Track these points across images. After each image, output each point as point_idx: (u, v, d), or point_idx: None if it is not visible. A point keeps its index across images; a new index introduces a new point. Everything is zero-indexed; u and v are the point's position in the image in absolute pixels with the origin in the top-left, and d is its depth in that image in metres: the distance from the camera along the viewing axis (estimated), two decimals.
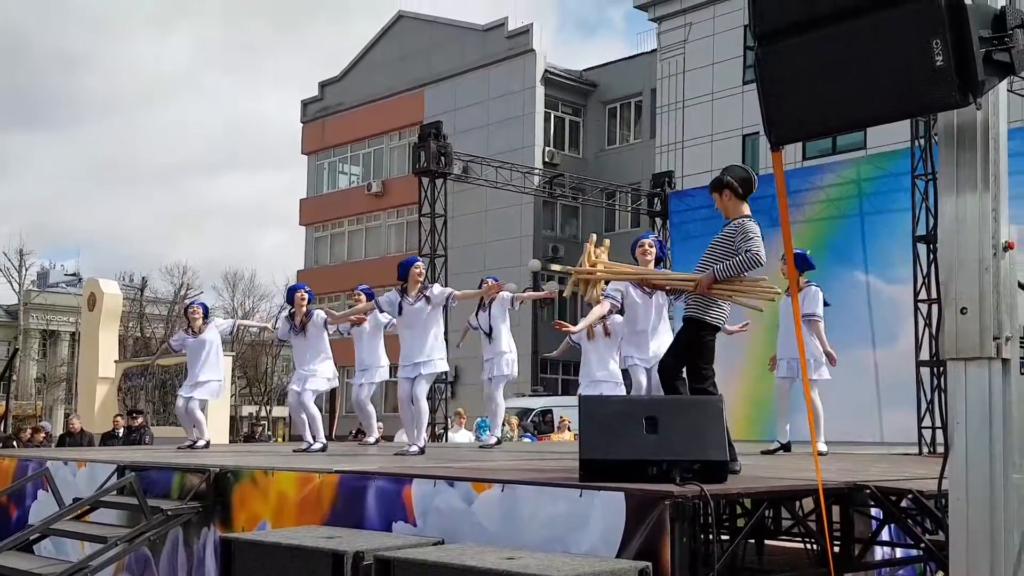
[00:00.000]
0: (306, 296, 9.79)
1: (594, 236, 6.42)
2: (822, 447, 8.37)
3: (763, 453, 8.76)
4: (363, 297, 10.43)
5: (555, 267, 7.74)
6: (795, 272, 8.12)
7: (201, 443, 10.20)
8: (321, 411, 23.14)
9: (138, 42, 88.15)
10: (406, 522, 5.12)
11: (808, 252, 9.18)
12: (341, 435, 21.12)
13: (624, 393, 8.75)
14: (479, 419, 16.33)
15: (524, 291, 11.53)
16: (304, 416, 9.88)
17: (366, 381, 10.54)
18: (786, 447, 8.89)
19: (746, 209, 5.73)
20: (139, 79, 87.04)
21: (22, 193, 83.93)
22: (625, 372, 8.62)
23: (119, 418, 16.48)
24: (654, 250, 7.54)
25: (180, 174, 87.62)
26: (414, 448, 8.51)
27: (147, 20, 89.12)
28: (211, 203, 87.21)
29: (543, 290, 14.24)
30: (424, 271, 9.36)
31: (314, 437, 9.82)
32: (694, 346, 5.75)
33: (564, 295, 7.13)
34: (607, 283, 7.27)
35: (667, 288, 6.51)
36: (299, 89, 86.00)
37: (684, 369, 5.78)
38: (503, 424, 14.75)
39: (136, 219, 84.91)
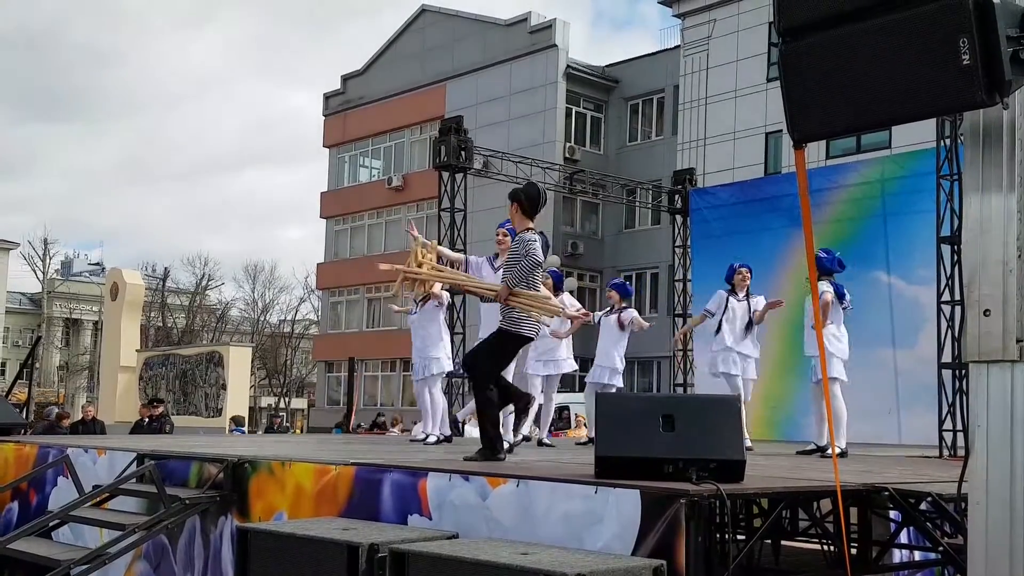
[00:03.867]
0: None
1: (420, 237, 6.89)
2: (841, 444, 8.37)
3: (798, 453, 8.76)
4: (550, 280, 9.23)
5: (384, 266, 7.77)
6: (815, 271, 8.08)
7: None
8: (351, 399, 22.90)
9: (167, 40, 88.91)
10: (421, 515, 5.13)
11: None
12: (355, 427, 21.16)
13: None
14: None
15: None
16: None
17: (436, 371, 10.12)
18: (822, 450, 8.80)
19: (530, 223, 6.46)
20: (167, 76, 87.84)
21: (48, 185, 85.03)
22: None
23: (144, 408, 16.63)
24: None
25: (204, 169, 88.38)
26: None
27: (176, 18, 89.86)
28: (234, 197, 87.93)
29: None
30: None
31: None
32: (498, 354, 6.49)
33: (392, 294, 7.40)
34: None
35: (479, 295, 7.00)
36: (323, 85, 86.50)
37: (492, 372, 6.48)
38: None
39: (160, 213, 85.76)
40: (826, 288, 8.61)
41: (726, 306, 9.35)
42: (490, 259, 8.21)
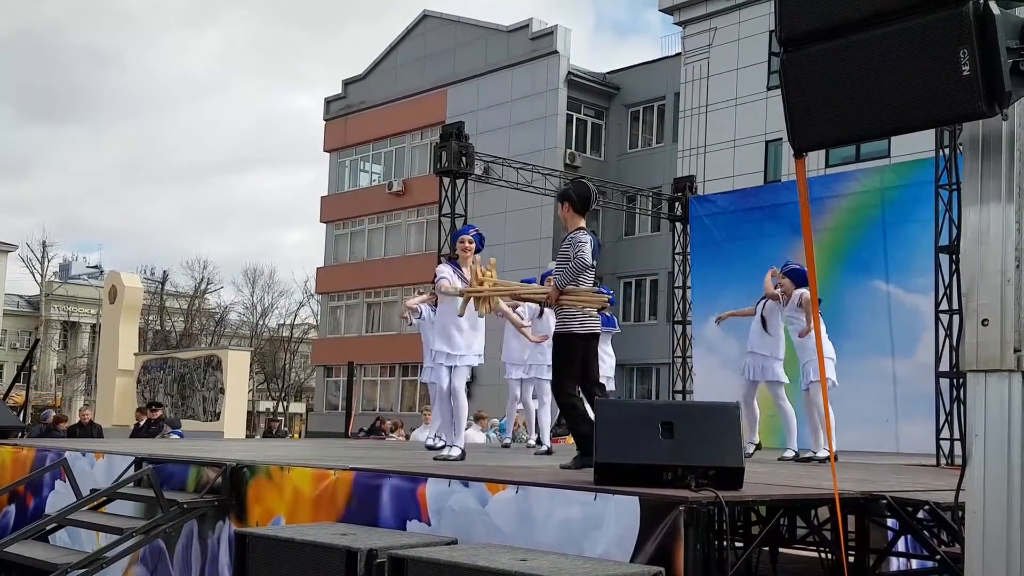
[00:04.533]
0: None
1: (478, 257, 6.86)
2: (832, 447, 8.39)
3: (796, 460, 8.82)
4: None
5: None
6: (815, 281, 8.11)
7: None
8: (350, 404, 22.72)
9: (168, 41, 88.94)
10: (420, 521, 5.13)
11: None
12: (354, 433, 21.16)
13: None
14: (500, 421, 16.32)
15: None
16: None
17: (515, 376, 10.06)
18: (820, 459, 8.76)
19: (582, 222, 6.43)
20: (168, 77, 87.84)
21: (48, 188, 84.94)
22: None
23: (140, 412, 16.58)
24: None
25: (205, 172, 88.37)
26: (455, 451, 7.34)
27: (177, 19, 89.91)
28: (235, 200, 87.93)
29: None
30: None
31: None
32: (559, 361, 6.38)
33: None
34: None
35: (536, 301, 6.97)
36: (324, 88, 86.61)
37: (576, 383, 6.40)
38: (517, 425, 14.75)
39: (160, 215, 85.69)
40: (803, 291, 8.92)
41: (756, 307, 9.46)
42: (453, 265, 7.90)
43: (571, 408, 6.37)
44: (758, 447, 9.39)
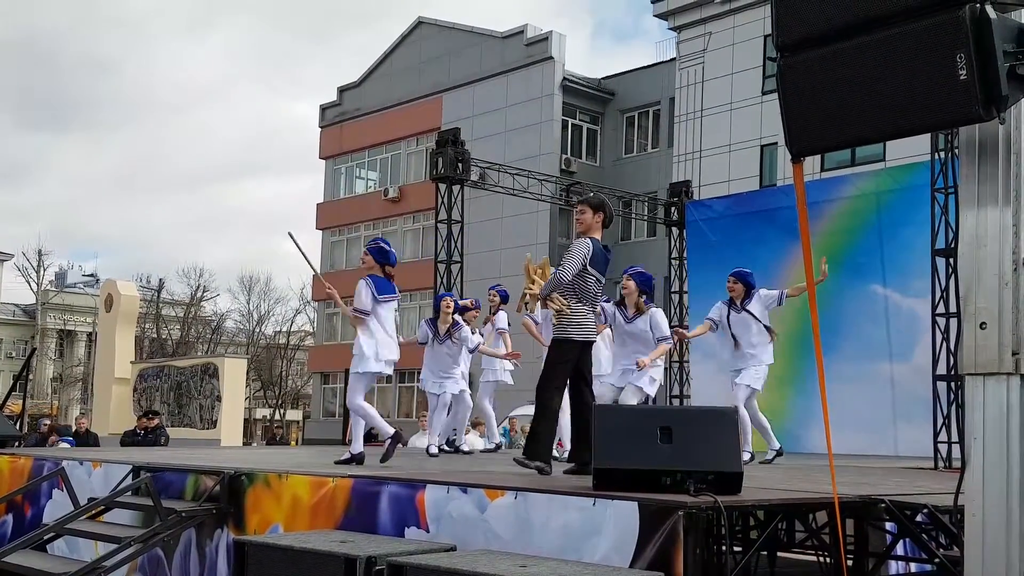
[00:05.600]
0: (452, 305, 9.50)
1: (529, 255, 6.97)
2: (746, 456, 8.42)
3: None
4: (498, 297, 10.10)
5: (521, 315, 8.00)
6: (813, 282, 8.07)
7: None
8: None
9: (167, 48, 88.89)
10: (419, 528, 5.12)
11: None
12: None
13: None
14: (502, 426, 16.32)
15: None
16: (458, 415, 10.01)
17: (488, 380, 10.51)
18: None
19: (598, 235, 6.41)
20: (167, 84, 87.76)
21: (46, 195, 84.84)
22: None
23: (142, 419, 16.55)
24: None
25: (202, 179, 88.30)
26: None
27: (177, 26, 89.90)
28: (231, 207, 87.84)
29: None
30: (452, 306, 9.39)
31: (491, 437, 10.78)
32: (549, 363, 6.39)
33: (516, 310, 7.65)
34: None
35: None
36: (321, 94, 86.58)
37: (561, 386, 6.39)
38: (511, 431, 14.74)
39: (157, 223, 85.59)
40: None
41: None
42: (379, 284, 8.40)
43: (545, 407, 6.30)
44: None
